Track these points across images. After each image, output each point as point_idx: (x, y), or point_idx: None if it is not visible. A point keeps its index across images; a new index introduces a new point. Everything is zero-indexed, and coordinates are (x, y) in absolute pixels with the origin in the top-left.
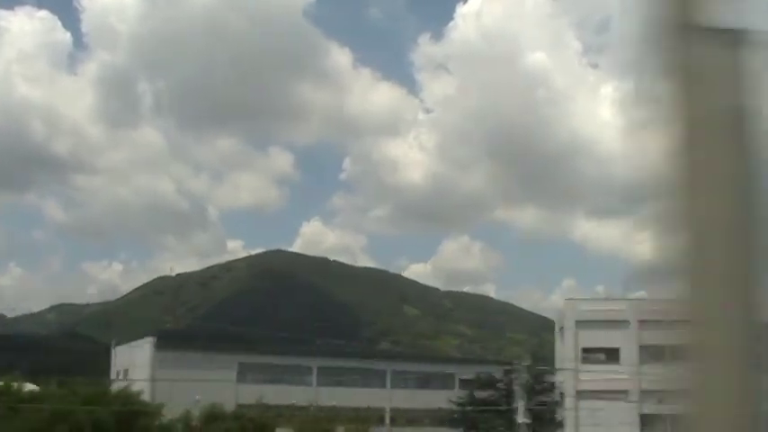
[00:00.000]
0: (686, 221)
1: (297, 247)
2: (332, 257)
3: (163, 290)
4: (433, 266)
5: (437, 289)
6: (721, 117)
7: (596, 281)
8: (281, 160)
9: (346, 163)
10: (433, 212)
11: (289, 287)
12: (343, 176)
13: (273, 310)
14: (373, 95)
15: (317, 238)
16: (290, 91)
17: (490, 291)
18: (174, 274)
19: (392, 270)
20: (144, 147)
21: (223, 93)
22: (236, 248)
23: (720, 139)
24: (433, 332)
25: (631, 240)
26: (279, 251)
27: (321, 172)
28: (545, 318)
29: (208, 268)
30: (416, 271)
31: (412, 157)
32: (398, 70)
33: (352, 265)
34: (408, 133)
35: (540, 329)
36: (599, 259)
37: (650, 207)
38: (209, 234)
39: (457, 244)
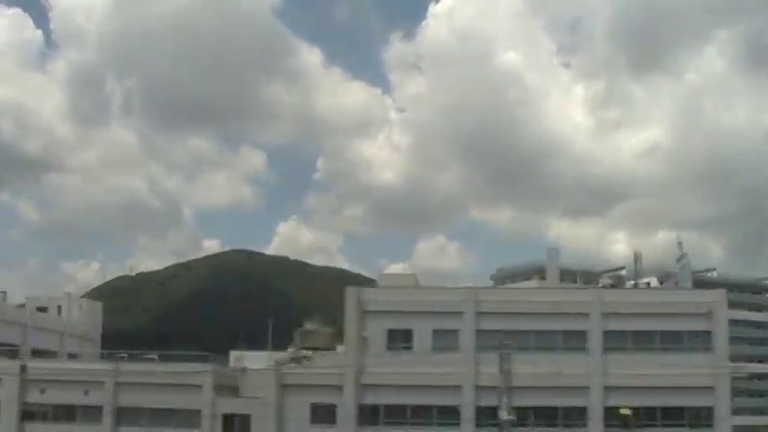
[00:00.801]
0: None
1: (273, 246)
2: (293, 257)
3: (121, 290)
4: (410, 266)
5: None
6: None
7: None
8: (254, 160)
9: (320, 163)
10: (407, 212)
11: (247, 287)
12: (317, 176)
13: (229, 310)
14: (345, 95)
15: (293, 237)
16: (260, 90)
17: None
18: (133, 273)
19: (367, 271)
20: (115, 146)
21: (193, 92)
22: (214, 248)
23: None
24: None
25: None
26: (240, 250)
27: (294, 172)
28: None
29: (168, 267)
30: (395, 271)
31: (385, 157)
32: (370, 70)
33: (314, 264)
34: (381, 133)
35: None
36: (576, 259)
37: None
38: (184, 233)
39: (433, 244)
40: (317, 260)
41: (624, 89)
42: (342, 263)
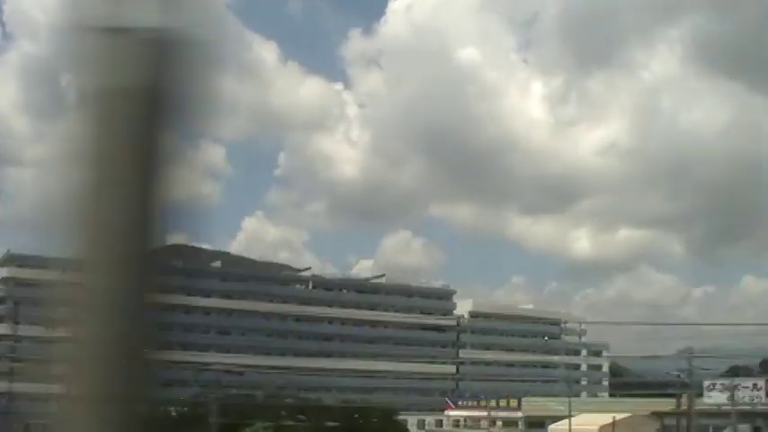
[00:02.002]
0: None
1: (238, 241)
2: (236, 252)
3: None
4: (375, 263)
5: None
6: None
7: (542, 277)
8: (213, 154)
9: (281, 158)
10: (368, 208)
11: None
12: (277, 172)
13: None
14: (303, 90)
15: (258, 233)
16: (214, 84)
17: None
18: None
19: (332, 267)
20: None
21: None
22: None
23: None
24: None
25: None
26: (179, 246)
27: (254, 167)
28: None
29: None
30: (364, 267)
31: (345, 153)
32: (328, 65)
33: (254, 259)
34: (341, 128)
35: None
36: (538, 256)
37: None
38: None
39: (398, 240)
40: (282, 257)
41: (581, 86)
42: (310, 259)
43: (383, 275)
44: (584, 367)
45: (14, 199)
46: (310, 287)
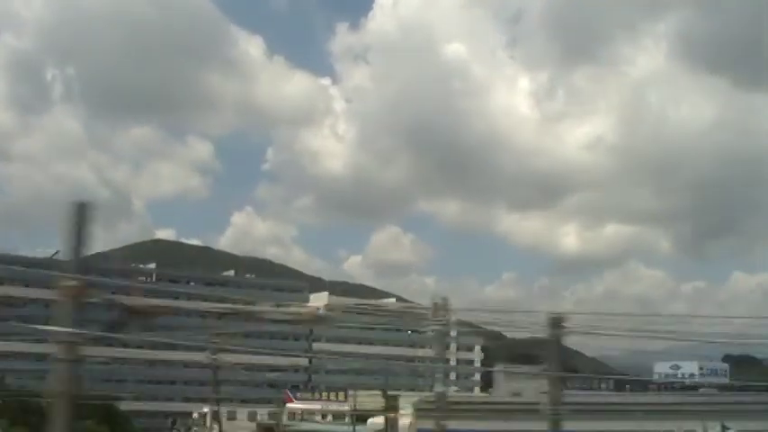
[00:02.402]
0: None
1: (228, 236)
2: (216, 247)
3: None
4: (364, 259)
5: (320, 279)
6: None
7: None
8: (201, 150)
9: (269, 153)
10: (356, 203)
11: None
12: (266, 167)
13: None
14: (289, 85)
15: (247, 228)
16: (201, 80)
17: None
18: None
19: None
20: (58, 134)
21: (133, 80)
22: (168, 238)
23: None
24: None
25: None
26: (159, 240)
27: (242, 162)
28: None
29: (91, 256)
30: (354, 262)
31: (332, 148)
32: (315, 60)
33: (235, 254)
34: (328, 123)
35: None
36: (527, 252)
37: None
38: (136, 224)
39: (387, 235)
40: (271, 253)
41: (567, 81)
42: (299, 254)
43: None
44: (453, 362)
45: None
46: (154, 279)
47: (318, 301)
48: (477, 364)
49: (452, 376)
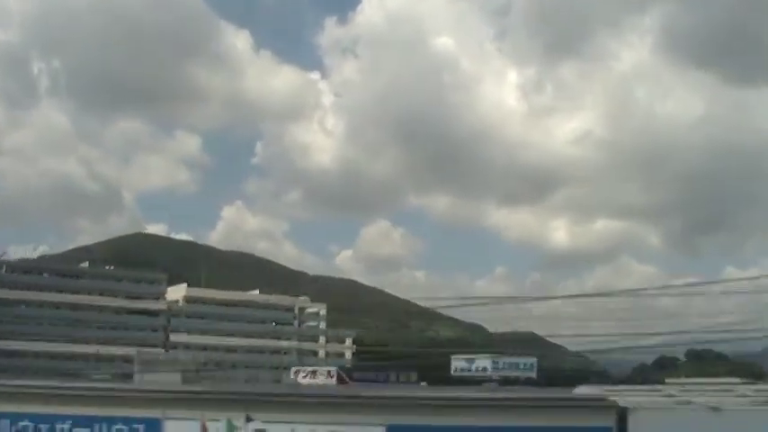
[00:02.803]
0: None
1: (219, 231)
2: (199, 242)
3: None
4: (355, 253)
5: (305, 273)
6: None
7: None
8: (189, 143)
9: (258, 147)
10: (346, 197)
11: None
12: (255, 161)
13: None
14: (277, 79)
15: (238, 222)
16: (189, 73)
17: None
18: (35, 256)
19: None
20: (46, 128)
21: (120, 73)
22: (159, 232)
23: None
24: None
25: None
26: (139, 234)
27: (231, 156)
28: (413, 304)
29: (71, 250)
30: (345, 257)
31: (321, 142)
32: (303, 54)
33: (220, 249)
34: (317, 117)
35: (402, 315)
36: (517, 246)
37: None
38: (125, 218)
39: (377, 230)
40: (260, 248)
41: (555, 75)
42: (290, 249)
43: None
44: (322, 354)
45: None
46: (3, 270)
47: (177, 293)
48: (349, 356)
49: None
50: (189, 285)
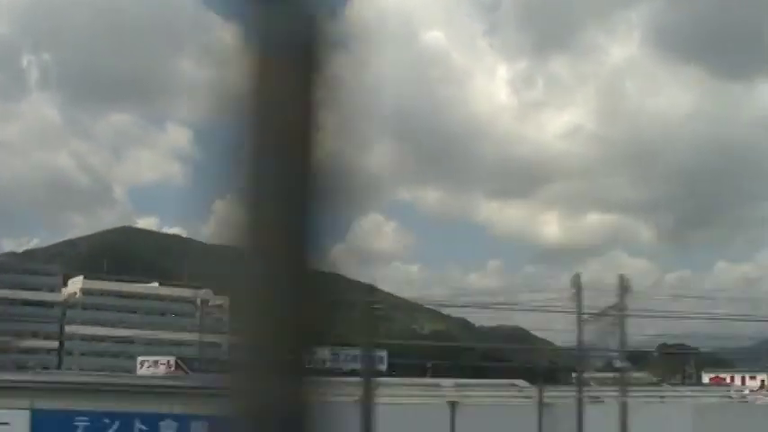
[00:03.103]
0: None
1: (210, 224)
2: (186, 234)
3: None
4: (346, 245)
5: None
6: None
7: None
8: (181, 137)
9: None
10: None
11: (125, 266)
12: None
13: None
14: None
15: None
16: (177, 66)
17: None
18: (20, 250)
19: None
20: (36, 121)
21: (109, 66)
22: (151, 226)
23: None
24: None
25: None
26: (126, 228)
27: (225, 149)
28: (402, 299)
29: (54, 245)
30: (337, 250)
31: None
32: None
33: (208, 243)
34: None
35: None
36: (508, 240)
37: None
38: (117, 211)
39: (368, 224)
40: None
41: (545, 70)
42: None
43: None
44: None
45: None
46: None
47: (74, 285)
48: None
49: None
50: (173, 279)
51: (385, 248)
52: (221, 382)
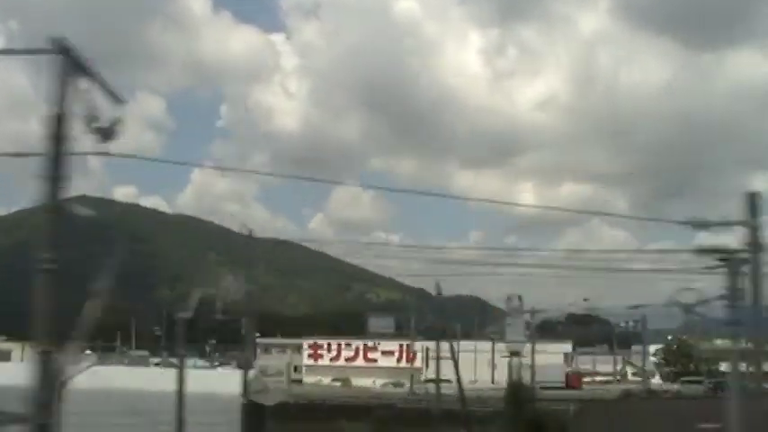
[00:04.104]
0: None
1: (188, 193)
2: (145, 204)
3: None
4: (325, 216)
5: (250, 235)
6: None
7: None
8: (153, 106)
9: (223, 110)
10: (311, 161)
11: (83, 234)
12: (220, 124)
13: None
14: (238, 41)
15: (207, 186)
16: (147, 35)
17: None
18: None
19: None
20: (5, 89)
21: (77, 34)
22: (129, 195)
23: None
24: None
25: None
26: (84, 196)
27: (197, 118)
28: (360, 269)
29: (19, 211)
30: (317, 221)
31: (285, 105)
32: (264, 16)
33: (166, 212)
34: (279, 80)
35: (349, 280)
36: (485, 210)
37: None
38: (94, 180)
39: (347, 193)
40: (230, 209)
41: (518, 39)
42: (260, 211)
43: None
44: None
45: None
46: None
47: None
48: None
49: None
50: (129, 247)
51: (364, 218)
52: None
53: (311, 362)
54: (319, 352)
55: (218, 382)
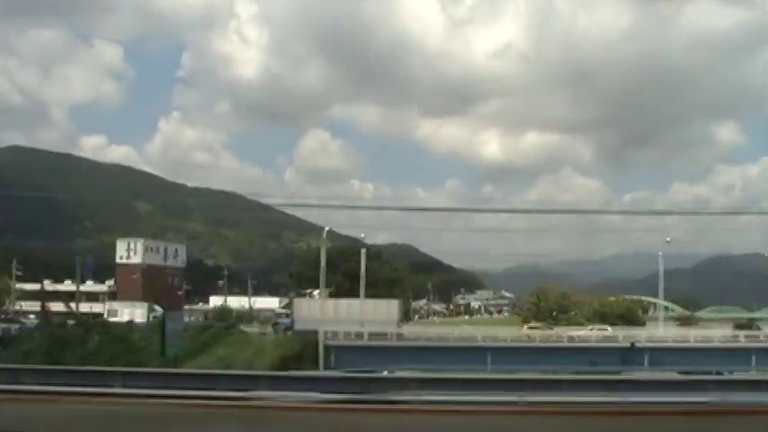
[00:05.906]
0: None
1: (157, 143)
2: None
3: None
4: (294, 167)
5: (183, 185)
6: None
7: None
8: (110, 54)
9: (183, 59)
10: (274, 109)
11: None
12: (180, 73)
13: None
14: None
15: (175, 135)
16: None
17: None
18: None
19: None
20: None
21: None
22: (100, 145)
23: None
24: (161, 230)
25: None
26: (17, 147)
27: (156, 67)
28: (298, 219)
29: None
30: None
31: (244, 53)
32: None
33: (99, 161)
34: (236, 28)
35: (275, 227)
36: (449, 158)
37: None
38: (57, 131)
39: (315, 141)
40: (200, 158)
41: None
42: (229, 161)
43: None
44: None
45: None
46: None
47: None
48: None
49: None
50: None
51: (333, 166)
52: None
53: None
54: None
55: None
